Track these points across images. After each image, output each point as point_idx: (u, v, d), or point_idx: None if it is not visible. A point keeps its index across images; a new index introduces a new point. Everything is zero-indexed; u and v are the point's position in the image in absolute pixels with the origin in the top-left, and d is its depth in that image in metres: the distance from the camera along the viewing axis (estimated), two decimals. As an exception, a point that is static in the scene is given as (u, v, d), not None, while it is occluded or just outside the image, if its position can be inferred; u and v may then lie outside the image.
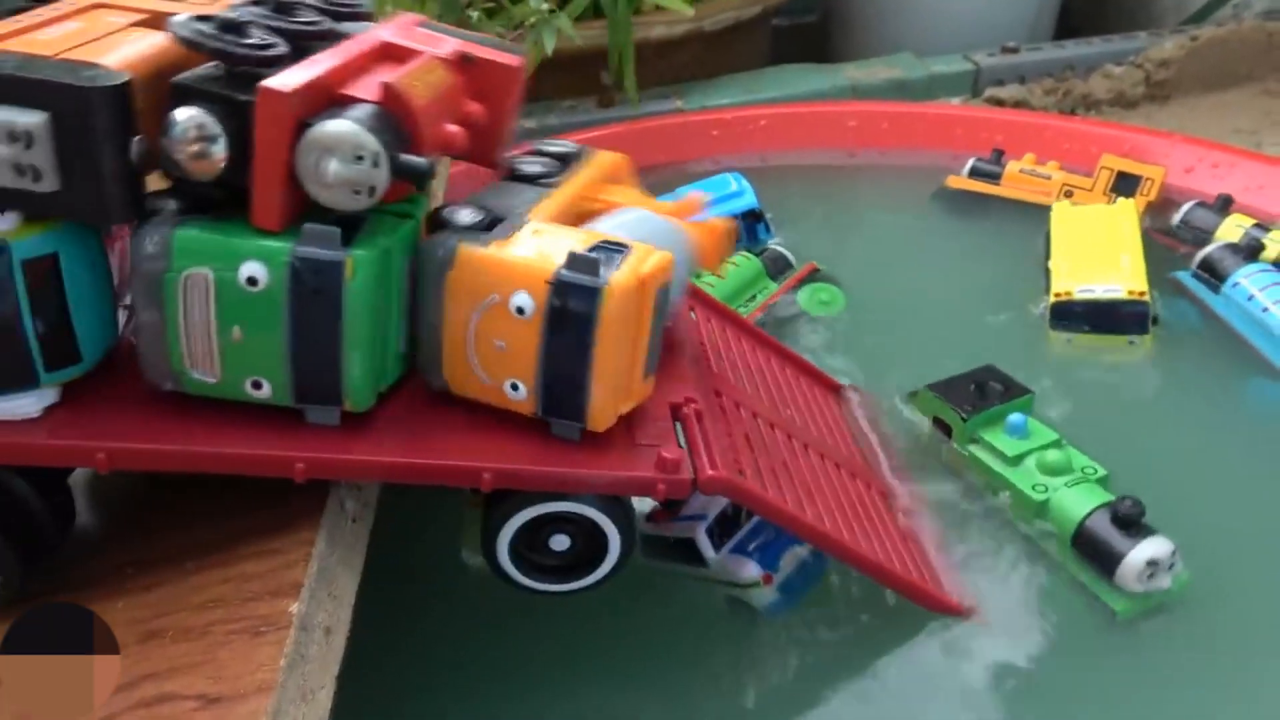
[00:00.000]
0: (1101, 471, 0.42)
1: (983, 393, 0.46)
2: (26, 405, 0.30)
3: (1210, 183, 0.64)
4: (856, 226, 0.65)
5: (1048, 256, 0.56)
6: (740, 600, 0.40)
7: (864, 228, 0.65)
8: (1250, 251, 0.55)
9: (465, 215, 0.32)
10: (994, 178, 0.68)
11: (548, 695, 0.38)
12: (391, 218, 0.31)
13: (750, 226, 0.61)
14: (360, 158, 0.28)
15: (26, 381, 0.29)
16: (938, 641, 0.38)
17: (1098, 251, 0.54)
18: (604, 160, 0.39)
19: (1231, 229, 0.58)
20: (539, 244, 0.31)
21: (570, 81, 0.91)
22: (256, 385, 0.30)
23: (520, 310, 0.30)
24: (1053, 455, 0.43)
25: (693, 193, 0.40)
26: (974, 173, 0.68)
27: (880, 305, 0.57)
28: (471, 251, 0.31)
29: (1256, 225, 0.57)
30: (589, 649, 0.39)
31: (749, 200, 0.62)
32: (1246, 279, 0.53)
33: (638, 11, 0.91)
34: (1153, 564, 0.38)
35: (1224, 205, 0.60)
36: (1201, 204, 0.60)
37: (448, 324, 0.32)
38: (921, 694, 0.36)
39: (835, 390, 0.50)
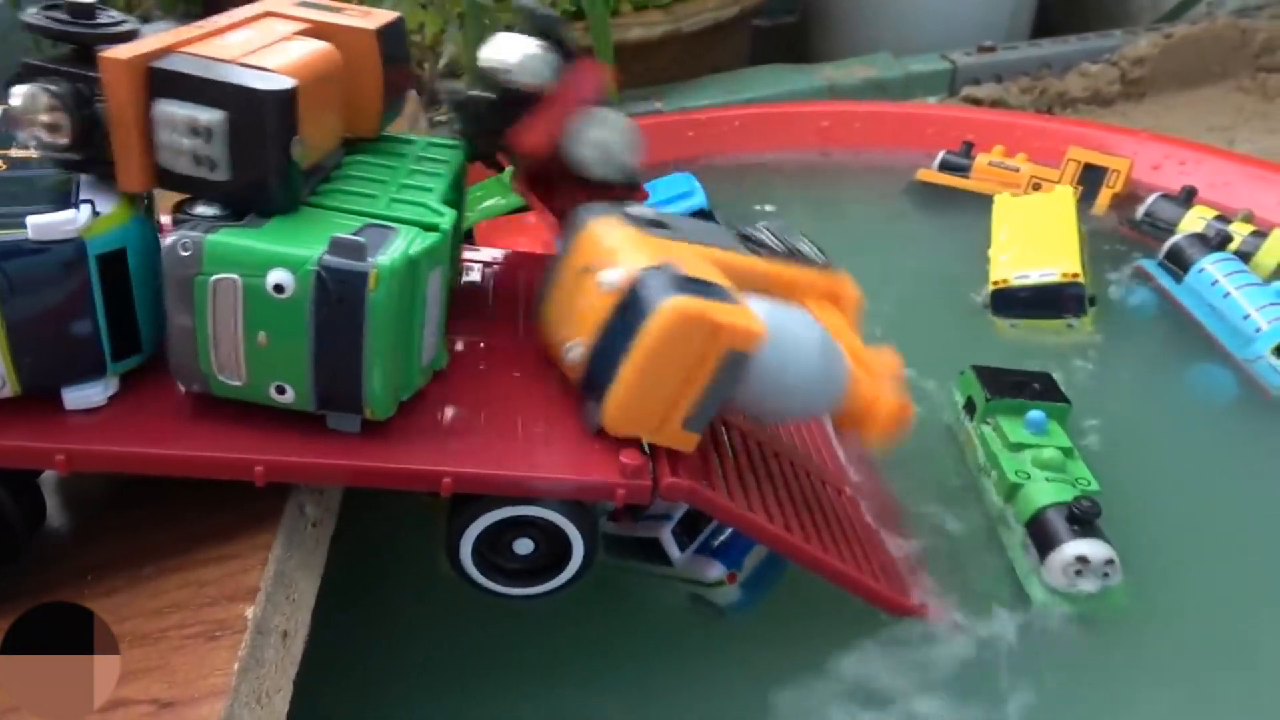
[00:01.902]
0: (1093, 486, 0.42)
1: (1019, 388, 0.46)
2: (94, 394, 0.31)
3: (1177, 179, 0.65)
4: (826, 222, 0.66)
5: (989, 246, 0.57)
6: (703, 598, 0.40)
7: (832, 223, 0.66)
8: (1219, 243, 0.56)
9: (638, 209, 0.36)
10: (963, 170, 0.68)
11: (516, 697, 0.38)
12: (419, 230, 0.32)
13: None
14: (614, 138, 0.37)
15: (96, 372, 0.31)
16: (902, 636, 0.38)
17: (1034, 239, 0.56)
18: (832, 278, 0.39)
19: (1194, 221, 0.58)
20: (663, 250, 0.33)
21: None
22: (280, 390, 0.31)
23: (601, 284, 0.33)
24: (1049, 453, 0.43)
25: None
26: (944, 166, 0.69)
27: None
28: (596, 225, 0.34)
29: (1218, 217, 0.58)
30: (557, 650, 0.40)
31: (699, 200, 0.63)
32: (1212, 265, 0.53)
33: (615, 13, 0.92)
34: (1082, 561, 0.39)
35: (1187, 197, 0.61)
36: (1165, 196, 0.61)
37: (562, 273, 0.35)
38: (882, 688, 0.37)
39: None
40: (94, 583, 0.31)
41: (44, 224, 0.28)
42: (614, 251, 0.33)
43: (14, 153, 0.33)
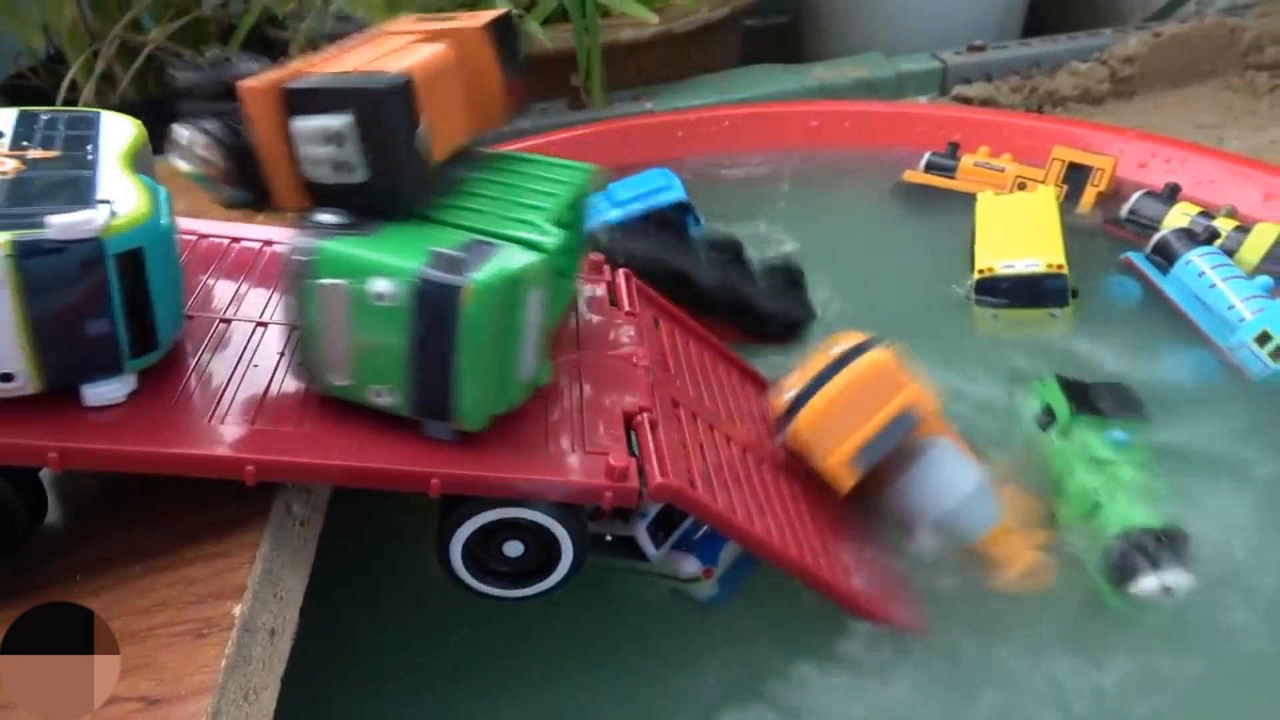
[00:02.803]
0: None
1: (1100, 401, 0.46)
2: (114, 391, 0.32)
3: (1163, 178, 0.65)
4: (813, 221, 0.67)
5: (973, 240, 0.58)
6: (683, 592, 0.40)
7: (820, 221, 0.66)
8: (1207, 238, 0.57)
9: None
10: (949, 171, 0.69)
11: (505, 695, 0.39)
12: (521, 249, 0.32)
13: (680, 220, 0.64)
14: None
15: (114, 369, 0.31)
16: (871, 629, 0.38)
17: (1018, 232, 0.57)
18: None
19: (1178, 217, 0.59)
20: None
21: (541, 84, 0.92)
22: (379, 393, 0.32)
23: (833, 349, 0.41)
24: (1129, 472, 0.42)
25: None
26: (930, 167, 0.70)
27: (819, 290, 0.58)
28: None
29: (1201, 213, 0.59)
30: (544, 648, 0.40)
31: (678, 193, 0.64)
32: (1199, 258, 0.54)
33: (606, 14, 0.92)
34: (1163, 589, 0.39)
35: (1171, 195, 0.61)
36: (1149, 194, 0.62)
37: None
38: (858, 682, 0.37)
39: None
40: (83, 582, 0.31)
41: (64, 224, 0.29)
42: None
43: (31, 154, 0.33)
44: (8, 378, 0.30)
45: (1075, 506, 0.43)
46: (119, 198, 0.31)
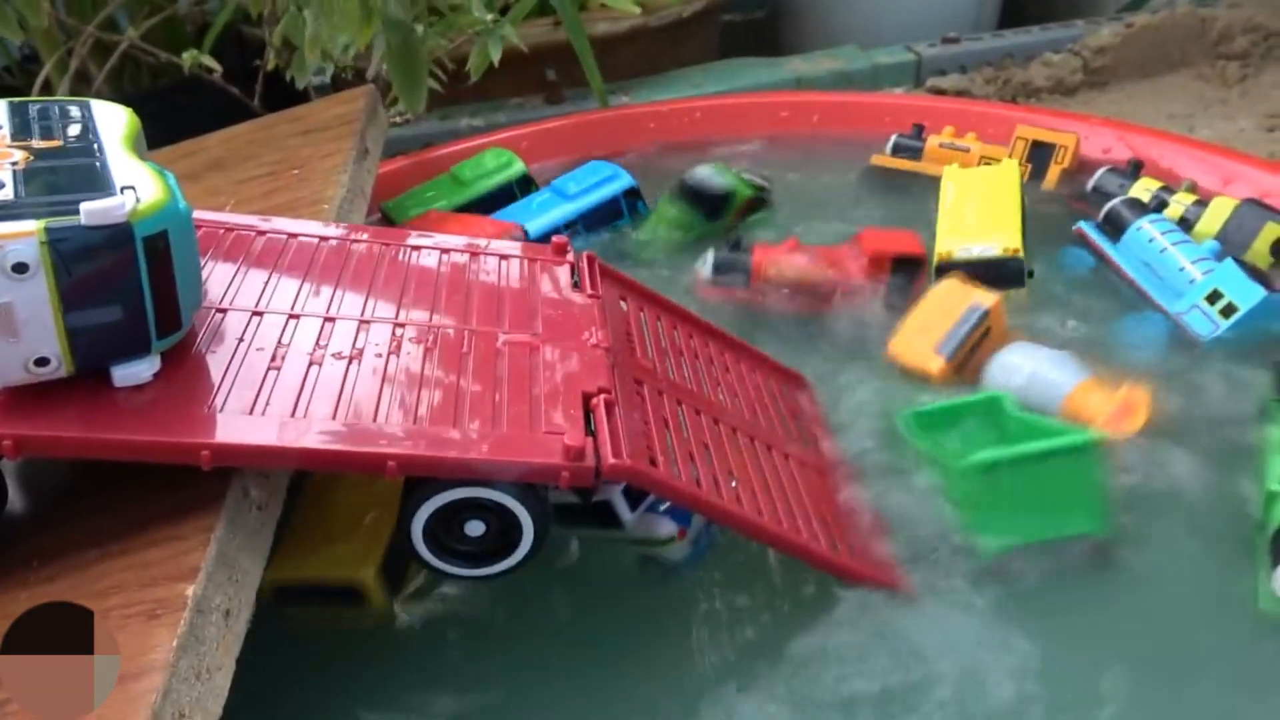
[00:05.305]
0: None
1: None
2: (142, 371, 0.32)
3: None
4: (782, 208, 0.67)
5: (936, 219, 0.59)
6: (652, 559, 0.41)
7: (789, 209, 0.67)
8: (1157, 207, 0.58)
9: None
10: (915, 153, 0.69)
11: (470, 678, 0.39)
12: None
13: (631, 204, 0.67)
14: None
15: (143, 349, 0.32)
16: (847, 597, 0.39)
17: (978, 213, 0.57)
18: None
19: (1140, 192, 0.60)
20: None
21: (517, 80, 0.92)
22: None
23: None
24: None
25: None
26: (896, 149, 0.70)
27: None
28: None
29: (1163, 188, 0.60)
30: (506, 632, 0.40)
31: (625, 181, 0.66)
32: (1149, 224, 0.55)
33: (583, 7, 0.92)
34: None
35: (1135, 170, 0.62)
36: (1113, 170, 0.62)
37: None
38: (836, 650, 0.37)
39: (793, 380, 0.51)
40: (39, 568, 0.31)
41: (97, 209, 0.29)
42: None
43: (36, 144, 0.34)
44: (43, 362, 0.30)
45: (1265, 500, 0.40)
46: (137, 183, 0.31)
